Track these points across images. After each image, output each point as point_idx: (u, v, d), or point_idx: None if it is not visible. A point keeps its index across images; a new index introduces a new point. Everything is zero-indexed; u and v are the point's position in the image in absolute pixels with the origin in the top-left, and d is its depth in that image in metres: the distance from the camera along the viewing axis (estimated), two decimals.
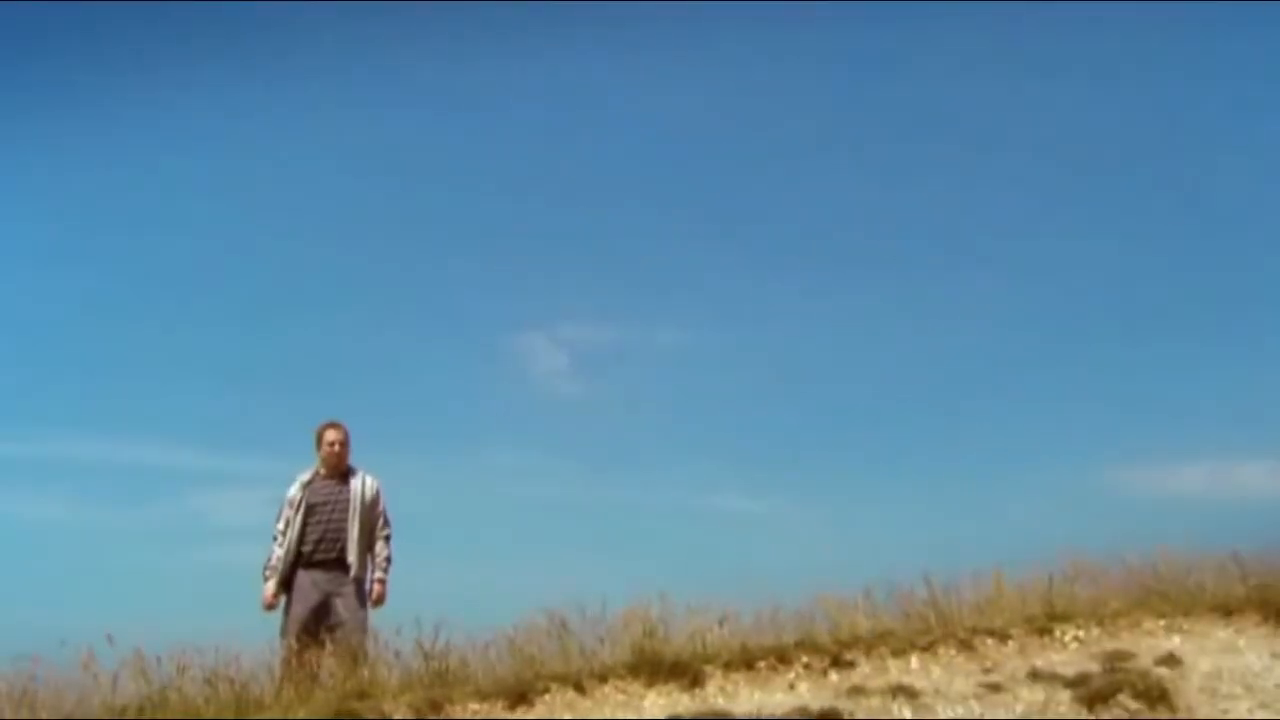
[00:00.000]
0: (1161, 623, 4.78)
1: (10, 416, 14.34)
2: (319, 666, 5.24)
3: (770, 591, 5.29)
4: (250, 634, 5.08)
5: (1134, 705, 4.06)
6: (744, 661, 4.40)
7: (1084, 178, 17.99)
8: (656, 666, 4.32)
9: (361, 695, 4.16)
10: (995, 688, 4.21)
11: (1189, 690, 4.18)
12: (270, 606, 5.97)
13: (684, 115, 19.49)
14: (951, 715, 4.05)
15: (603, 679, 4.28)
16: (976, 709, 4.09)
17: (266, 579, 6.02)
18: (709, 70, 18.71)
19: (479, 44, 18.36)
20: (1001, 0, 16.26)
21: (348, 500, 6.19)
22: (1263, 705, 4.10)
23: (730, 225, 19.39)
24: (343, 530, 6.09)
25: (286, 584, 6.03)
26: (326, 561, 6.02)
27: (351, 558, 6.03)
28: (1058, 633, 4.68)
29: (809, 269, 18.80)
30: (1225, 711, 4.07)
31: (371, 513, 6.23)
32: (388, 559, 6.24)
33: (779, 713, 3.99)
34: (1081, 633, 4.69)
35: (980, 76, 18.67)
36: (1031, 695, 4.17)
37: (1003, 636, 4.63)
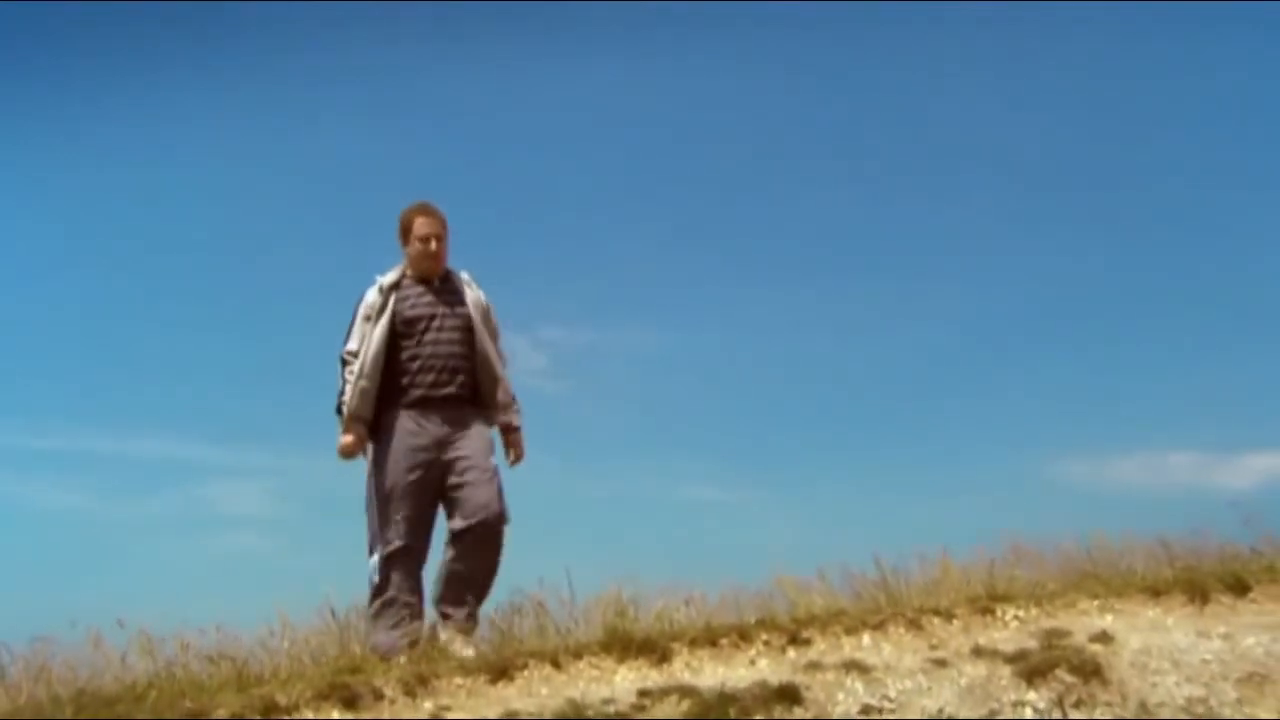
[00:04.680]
0: (1095, 603, 4.98)
1: (33, 412, 14.69)
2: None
3: (733, 574, 5.57)
4: (251, 616, 5.24)
5: (1070, 679, 4.25)
6: (708, 639, 4.53)
7: (1035, 187, 18.35)
8: (627, 644, 4.44)
9: (354, 670, 4.27)
10: (941, 663, 4.40)
11: (1121, 665, 4.39)
12: (349, 454, 4.47)
13: (663, 122, 19.65)
14: (901, 688, 4.22)
15: (577, 656, 4.39)
16: (924, 682, 4.26)
17: (344, 418, 4.47)
18: (687, 77, 18.89)
19: (463, 50, 18.44)
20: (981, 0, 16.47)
21: (465, 313, 4.52)
22: (1188, 679, 4.32)
23: (704, 232, 19.71)
24: (455, 355, 4.47)
25: (374, 428, 4.49)
26: (438, 400, 4.45)
27: (498, 395, 4.52)
28: (999, 612, 4.87)
29: (777, 275, 19.10)
30: (1154, 685, 4.30)
31: (489, 328, 4.61)
32: (514, 398, 4.67)
33: (741, 686, 4.12)
34: (1021, 612, 4.88)
35: (956, 88, 18.90)
36: (975, 670, 4.35)
37: (948, 615, 4.80)
